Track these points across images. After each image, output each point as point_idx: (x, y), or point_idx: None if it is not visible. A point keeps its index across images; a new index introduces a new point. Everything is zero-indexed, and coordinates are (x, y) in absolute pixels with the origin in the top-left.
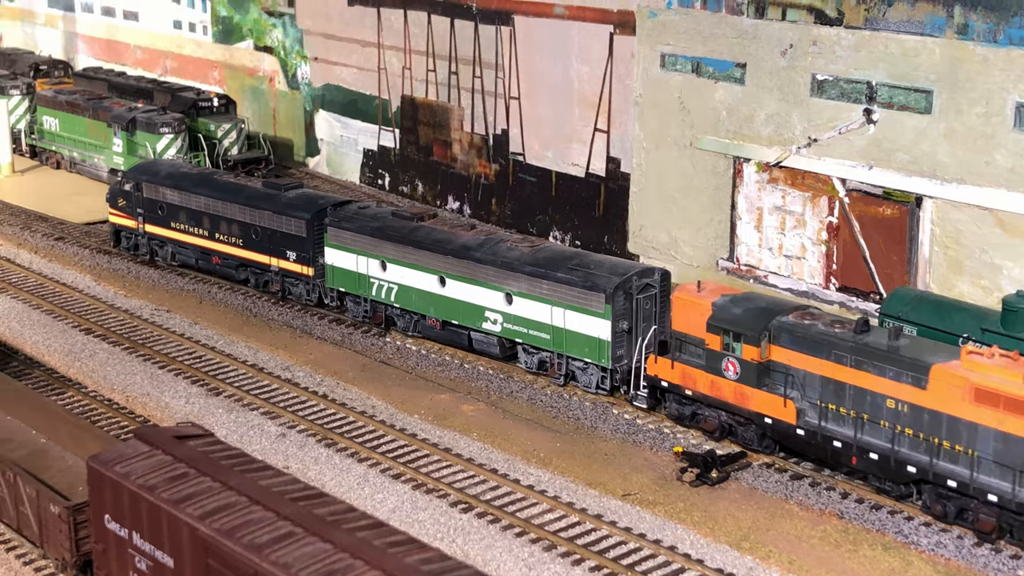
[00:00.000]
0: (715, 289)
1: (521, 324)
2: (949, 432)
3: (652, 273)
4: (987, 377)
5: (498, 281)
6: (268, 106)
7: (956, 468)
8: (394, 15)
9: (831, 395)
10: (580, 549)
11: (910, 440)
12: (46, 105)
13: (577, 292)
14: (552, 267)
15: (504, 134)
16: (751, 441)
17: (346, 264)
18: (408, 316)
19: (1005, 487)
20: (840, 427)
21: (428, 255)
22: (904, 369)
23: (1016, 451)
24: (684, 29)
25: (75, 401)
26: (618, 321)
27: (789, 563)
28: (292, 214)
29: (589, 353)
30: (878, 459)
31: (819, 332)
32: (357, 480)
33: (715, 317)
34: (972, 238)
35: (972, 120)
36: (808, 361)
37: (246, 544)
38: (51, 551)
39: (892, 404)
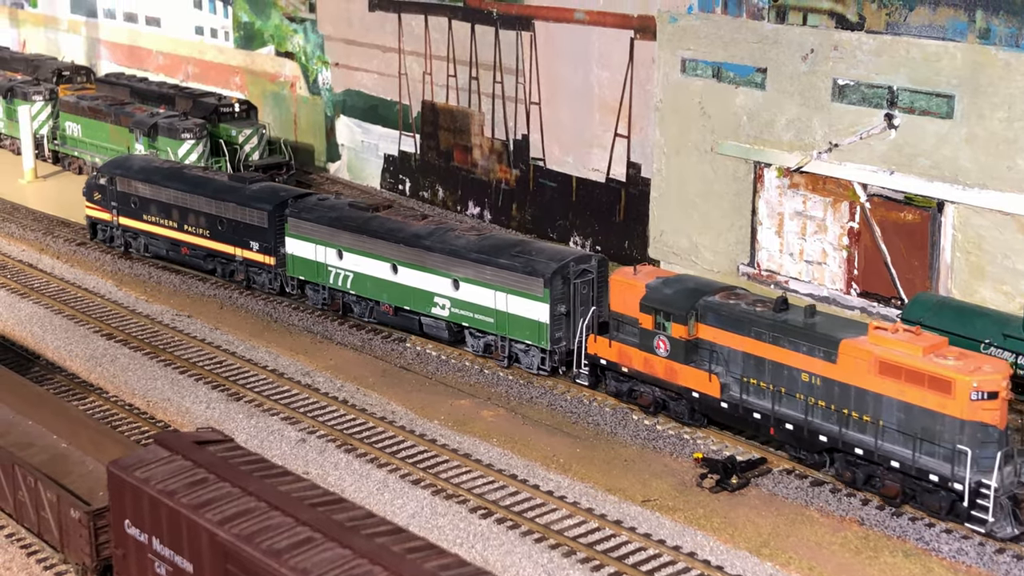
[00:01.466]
0: (650, 272)
1: (467, 309)
2: (857, 403)
3: (589, 259)
4: (890, 351)
5: (446, 268)
6: (289, 111)
7: (863, 437)
8: (415, 20)
9: (752, 370)
10: (599, 555)
11: (822, 411)
12: (69, 111)
13: (518, 277)
14: (495, 254)
15: (524, 139)
16: (682, 415)
17: (305, 253)
18: (364, 303)
19: (906, 454)
20: (760, 400)
21: (381, 244)
22: (816, 344)
23: (916, 420)
24: (704, 34)
25: (96, 406)
26: (556, 305)
27: (809, 569)
28: (254, 206)
29: (530, 336)
30: (793, 429)
31: (741, 311)
32: (376, 485)
33: (647, 298)
34: (994, 243)
35: (994, 125)
36: (731, 338)
37: (265, 549)
38: (71, 556)
39: (806, 378)
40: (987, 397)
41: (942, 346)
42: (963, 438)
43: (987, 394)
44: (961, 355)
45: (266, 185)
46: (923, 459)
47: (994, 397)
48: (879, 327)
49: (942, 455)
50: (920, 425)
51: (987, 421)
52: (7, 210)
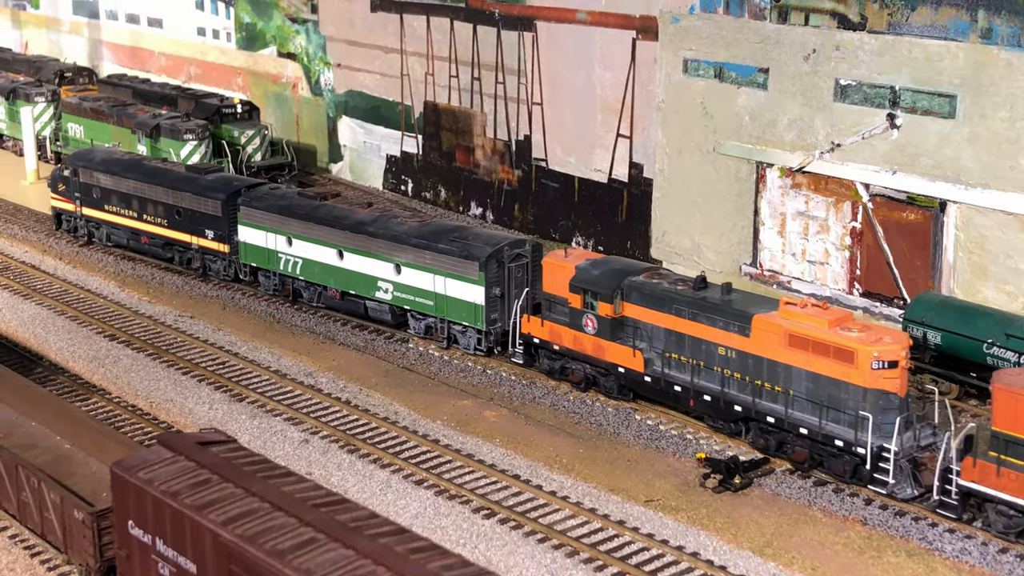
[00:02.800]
0: (580, 255)
1: (409, 292)
2: (769, 374)
3: (523, 244)
4: (799, 324)
5: (388, 253)
6: (291, 112)
7: (775, 406)
8: (417, 21)
9: (673, 345)
10: (602, 555)
11: (737, 382)
12: (71, 112)
13: (455, 261)
14: (434, 239)
15: (527, 140)
16: (611, 390)
17: (257, 241)
18: (312, 288)
19: (814, 421)
20: (680, 373)
21: (328, 230)
22: (732, 319)
23: (823, 388)
24: (706, 34)
25: (99, 407)
26: (491, 287)
27: (812, 569)
28: (209, 195)
29: (466, 317)
30: (711, 400)
31: (663, 290)
32: (380, 486)
33: (576, 279)
34: (997, 243)
35: (996, 125)
36: (654, 315)
37: (268, 550)
38: (75, 557)
39: (722, 351)
40: (887, 366)
41: (847, 319)
42: (865, 405)
43: (887, 363)
44: (864, 327)
45: (220, 175)
46: (829, 425)
47: (894, 366)
48: (789, 302)
49: (846, 421)
50: (826, 393)
51: (888, 389)
52: (10, 211)
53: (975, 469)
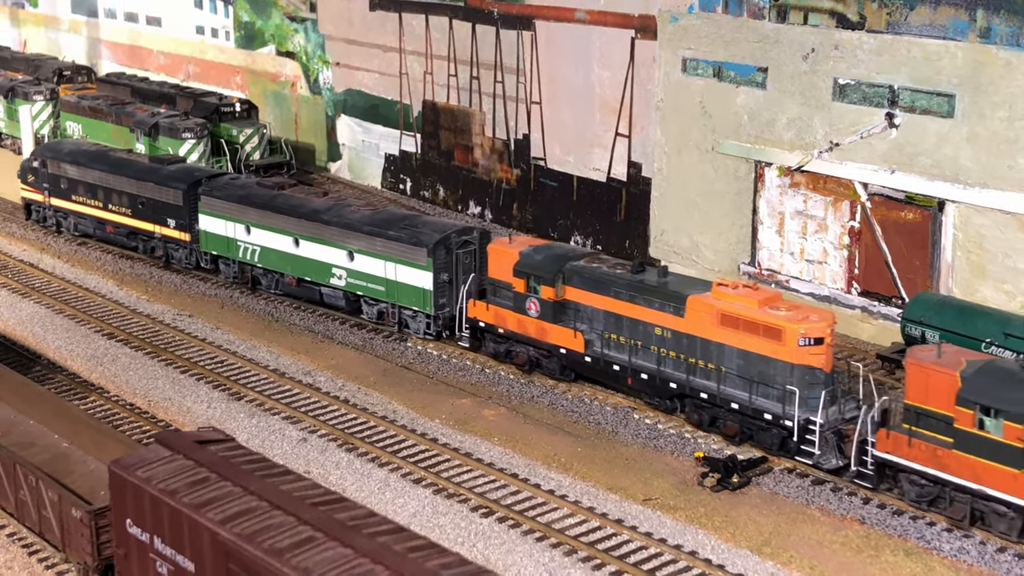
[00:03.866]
0: (524, 241)
1: (361, 279)
2: (702, 352)
3: (471, 231)
4: (730, 304)
5: (342, 240)
6: (290, 111)
7: (707, 383)
8: (415, 20)
9: (612, 326)
10: (601, 554)
11: (672, 361)
12: (69, 110)
13: (404, 248)
14: (385, 226)
15: (525, 139)
16: (553, 371)
17: (217, 229)
18: (270, 275)
19: (744, 396)
20: (619, 353)
21: (285, 219)
22: (667, 301)
23: (753, 365)
24: (705, 33)
25: (97, 405)
26: (439, 273)
27: (810, 568)
28: (171, 185)
29: (416, 302)
30: (648, 378)
31: (603, 273)
32: (378, 485)
33: (520, 264)
34: (995, 242)
35: (995, 124)
36: (594, 298)
37: (267, 549)
38: (73, 555)
39: (658, 331)
40: (813, 343)
41: (776, 299)
42: (793, 380)
43: (813, 340)
44: (792, 307)
45: (182, 166)
46: (759, 400)
47: (820, 343)
48: (721, 283)
49: (775, 396)
50: (756, 370)
51: (814, 364)
52: (8, 210)
53: (888, 440)
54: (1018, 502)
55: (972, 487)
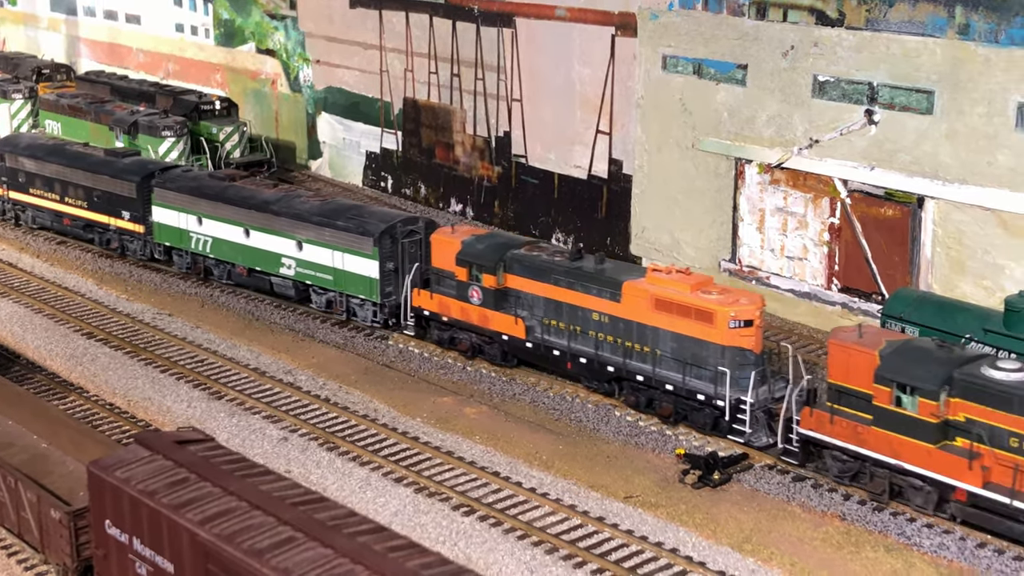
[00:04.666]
0: (466, 231)
1: (310, 268)
2: (638, 336)
3: (417, 221)
4: (664, 289)
5: (291, 231)
6: (270, 109)
7: (643, 365)
8: (396, 17)
9: (552, 312)
10: (582, 552)
11: (610, 345)
12: (49, 109)
13: (351, 237)
14: (333, 216)
15: (506, 136)
16: (495, 357)
17: (170, 221)
18: (222, 266)
19: (678, 377)
20: (559, 339)
21: (235, 209)
22: (604, 287)
23: (686, 348)
24: (685, 31)
25: (76, 406)
26: (385, 262)
27: (791, 565)
28: (124, 177)
29: (363, 290)
30: (586, 363)
31: (542, 261)
32: (359, 484)
33: (462, 253)
34: (974, 239)
35: (974, 120)
36: (534, 285)
37: (246, 549)
38: (52, 556)
39: (596, 316)
40: (743, 325)
41: (708, 284)
42: (724, 361)
43: (743, 322)
44: (723, 291)
45: (136, 159)
46: (692, 381)
47: (749, 325)
48: (656, 269)
49: (707, 377)
50: (689, 352)
51: (744, 346)
52: None
53: (812, 418)
54: (933, 476)
55: (890, 462)
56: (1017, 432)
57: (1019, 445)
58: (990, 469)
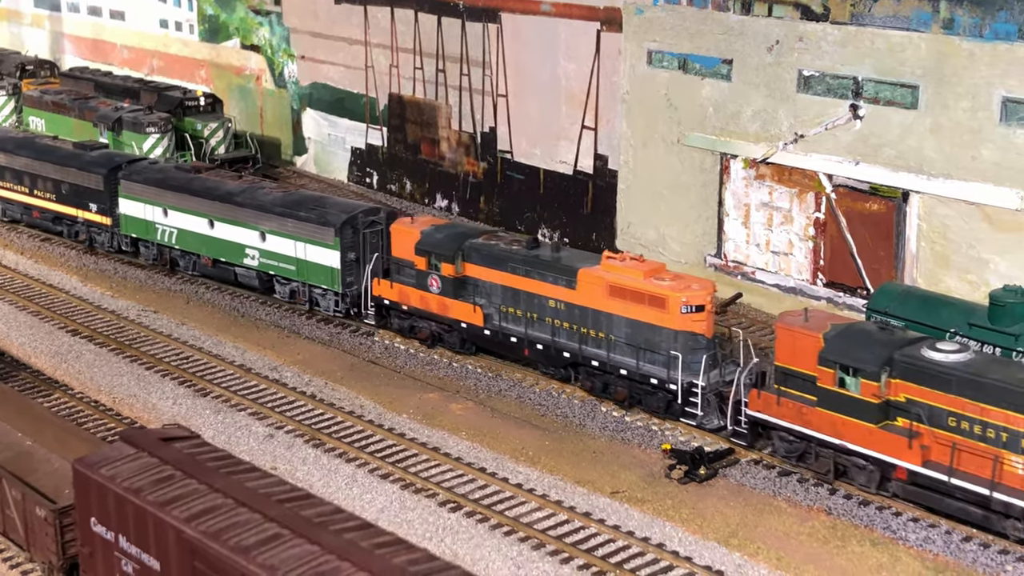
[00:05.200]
0: (425, 221)
1: (273, 258)
2: (593, 322)
3: (378, 212)
4: (618, 276)
5: (254, 221)
6: (255, 105)
7: (598, 351)
8: (381, 13)
9: (509, 300)
10: (568, 547)
11: (566, 331)
12: (32, 105)
13: (313, 228)
14: (296, 207)
15: (492, 132)
16: (455, 345)
17: (136, 213)
18: (187, 257)
19: (632, 362)
20: (516, 326)
21: (200, 201)
22: (560, 274)
23: (640, 333)
24: (670, 26)
25: (62, 403)
26: (347, 252)
27: (777, 560)
28: (92, 170)
29: (325, 280)
30: (543, 349)
31: (500, 250)
32: (345, 480)
33: (421, 242)
34: (959, 233)
35: (958, 115)
36: (492, 274)
37: (232, 546)
38: (37, 554)
39: (553, 303)
40: (695, 310)
41: (660, 270)
42: (676, 345)
43: (695, 307)
44: (675, 277)
45: (103, 152)
46: (645, 366)
47: (701, 310)
48: (611, 257)
49: (660, 361)
50: (643, 337)
51: (696, 331)
52: None
53: (760, 400)
54: (875, 455)
55: (834, 442)
56: (955, 412)
57: (957, 424)
58: (929, 448)
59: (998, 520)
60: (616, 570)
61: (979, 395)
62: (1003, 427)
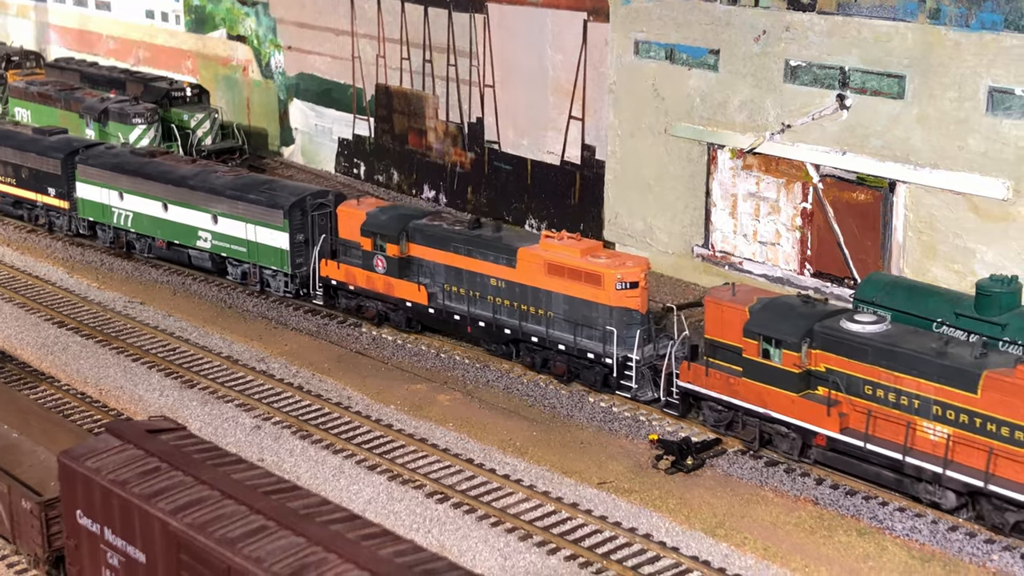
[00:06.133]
0: (372, 203)
1: (225, 240)
2: (532, 299)
3: (327, 194)
4: (556, 254)
5: (206, 204)
6: (242, 95)
7: (538, 327)
8: (367, 3)
9: (452, 279)
10: (555, 538)
11: (507, 309)
12: (18, 96)
13: (263, 210)
14: (246, 190)
15: (479, 122)
16: (400, 324)
17: (93, 196)
18: (143, 240)
19: (570, 338)
20: (459, 304)
21: (154, 185)
22: (501, 253)
23: (577, 309)
24: (657, 16)
25: (48, 395)
26: (295, 233)
27: (764, 550)
28: (50, 155)
29: (274, 261)
30: (485, 326)
31: (443, 230)
32: (332, 472)
33: (367, 223)
34: (945, 223)
35: (945, 105)
36: (435, 254)
37: (219, 538)
38: (23, 547)
39: (494, 282)
40: (629, 287)
41: (596, 249)
42: (611, 321)
43: (629, 284)
44: (610, 255)
45: (62, 137)
46: (583, 341)
47: (635, 286)
48: (548, 236)
49: (596, 337)
50: (580, 314)
51: (630, 307)
52: None
53: (690, 372)
54: (796, 423)
55: (759, 411)
56: (871, 380)
57: (873, 392)
58: (847, 415)
59: (911, 484)
60: (603, 561)
61: (893, 364)
62: (915, 394)
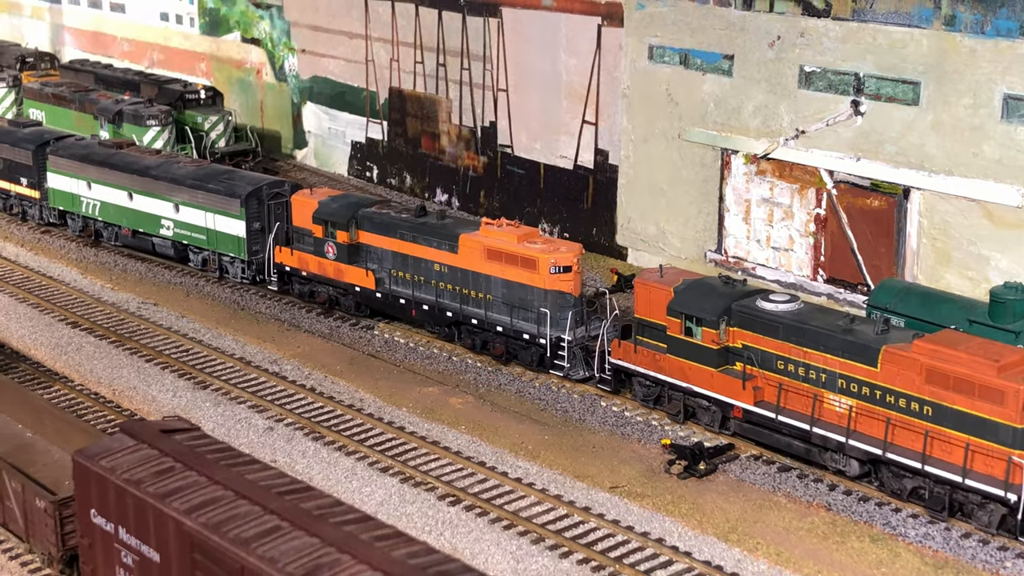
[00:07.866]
0: (323, 192)
1: (187, 229)
2: (473, 283)
3: (283, 184)
4: (495, 240)
5: (168, 194)
6: (255, 98)
7: (478, 310)
8: (381, 7)
9: (399, 265)
10: (568, 542)
11: (449, 293)
12: (32, 98)
13: (221, 199)
14: (206, 180)
15: (492, 126)
16: (350, 308)
17: (63, 187)
18: (110, 228)
19: (507, 320)
20: (404, 288)
21: (120, 174)
22: (443, 240)
23: (514, 293)
24: (672, 21)
25: (61, 395)
26: (252, 222)
27: (777, 555)
28: (22, 146)
29: (232, 249)
30: (428, 309)
31: (390, 218)
32: (345, 474)
33: (318, 211)
34: (960, 229)
35: (960, 111)
36: (383, 240)
37: (232, 538)
38: (37, 546)
39: (437, 267)
40: (563, 271)
41: (533, 235)
42: (546, 303)
43: (562, 268)
44: (546, 241)
45: (35, 128)
46: (519, 323)
47: (568, 271)
48: (488, 223)
49: (532, 319)
50: (517, 297)
51: (564, 290)
52: None
53: (620, 349)
54: (715, 396)
55: (683, 386)
56: (782, 355)
57: (784, 367)
58: (761, 389)
59: (818, 453)
60: (615, 565)
61: (802, 340)
62: (822, 368)
